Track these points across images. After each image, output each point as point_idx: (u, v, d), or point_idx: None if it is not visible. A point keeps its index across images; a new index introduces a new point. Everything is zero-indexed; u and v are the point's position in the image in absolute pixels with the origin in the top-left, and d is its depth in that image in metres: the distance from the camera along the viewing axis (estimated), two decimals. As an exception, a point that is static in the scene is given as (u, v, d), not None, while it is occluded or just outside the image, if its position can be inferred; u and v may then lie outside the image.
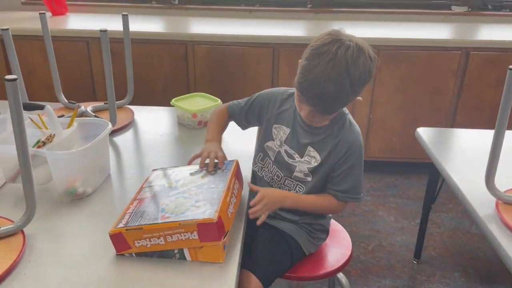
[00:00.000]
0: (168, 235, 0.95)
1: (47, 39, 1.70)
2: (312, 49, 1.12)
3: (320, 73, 1.07)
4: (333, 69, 1.06)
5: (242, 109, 1.39)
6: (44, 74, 2.62)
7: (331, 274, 1.36)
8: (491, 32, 2.74)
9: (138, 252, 0.98)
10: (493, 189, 1.26)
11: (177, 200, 1.03)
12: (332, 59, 1.07)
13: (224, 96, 1.83)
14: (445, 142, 1.76)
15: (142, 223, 0.97)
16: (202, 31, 2.63)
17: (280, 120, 1.31)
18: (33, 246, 1.02)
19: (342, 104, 1.17)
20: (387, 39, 2.51)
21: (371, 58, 1.12)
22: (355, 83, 1.09)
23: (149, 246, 0.97)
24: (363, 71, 1.09)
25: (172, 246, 0.96)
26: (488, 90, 2.58)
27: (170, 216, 0.96)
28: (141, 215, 1.00)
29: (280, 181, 1.33)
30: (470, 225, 2.36)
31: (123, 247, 0.98)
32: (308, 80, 1.09)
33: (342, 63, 1.06)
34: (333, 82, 1.07)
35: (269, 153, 1.34)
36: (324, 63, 1.07)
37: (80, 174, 1.17)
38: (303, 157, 1.28)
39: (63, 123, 1.28)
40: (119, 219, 1.00)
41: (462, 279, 2.00)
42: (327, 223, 1.42)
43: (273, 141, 1.33)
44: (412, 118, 2.66)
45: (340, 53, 1.07)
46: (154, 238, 0.95)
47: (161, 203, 1.03)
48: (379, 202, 2.56)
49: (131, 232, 0.96)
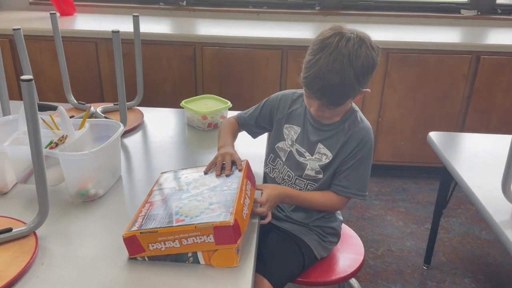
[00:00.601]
0: (183, 238, 0.93)
1: (57, 39, 1.70)
2: (314, 44, 1.15)
3: (324, 65, 1.09)
4: (336, 60, 1.09)
5: (252, 116, 1.40)
6: (51, 75, 2.61)
7: (344, 279, 1.34)
8: (501, 36, 2.72)
9: (151, 256, 0.97)
10: (510, 195, 1.24)
11: (191, 203, 1.02)
12: (334, 51, 1.09)
13: (232, 98, 1.82)
14: (458, 146, 1.75)
15: (156, 226, 0.95)
16: (210, 33, 2.62)
17: (290, 120, 1.32)
18: (46, 248, 1.01)
19: (348, 95, 1.15)
20: (397, 42, 2.50)
21: (373, 48, 1.14)
22: (359, 73, 1.11)
23: (164, 249, 0.95)
24: (365, 60, 1.11)
25: (187, 250, 0.95)
26: (498, 94, 2.56)
27: (185, 219, 0.95)
28: (154, 218, 0.98)
29: (291, 180, 1.32)
30: (480, 231, 2.34)
31: (137, 250, 0.96)
32: (312, 73, 1.11)
33: (344, 54, 1.09)
34: (337, 73, 1.09)
35: (280, 154, 1.34)
36: (327, 56, 1.10)
37: (92, 176, 1.15)
38: (313, 155, 1.28)
39: (75, 124, 1.27)
40: (132, 222, 0.99)
41: (472, 285, 1.98)
42: (338, 226, 1.41)
43: (285, 141, 1.33)
44: (421, 122, 2.64)
45: (341, 45, 1.10)
46: (169, 241, 0.94)
47: (174, 206, 1.02)
48: (388, 206, 2.54)
49: (145, 235, 0.94)
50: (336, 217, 1.40)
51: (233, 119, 1.46)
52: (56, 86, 2.56)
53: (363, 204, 2.54)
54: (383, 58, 2.47)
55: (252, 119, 1.41)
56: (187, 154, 1.54)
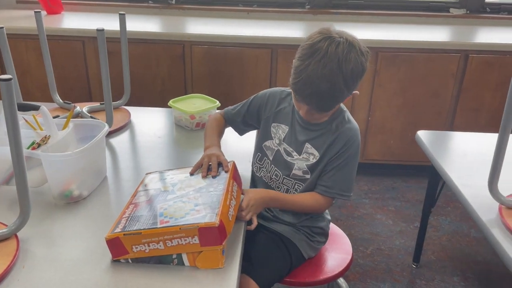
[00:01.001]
0: (168, 240, 0.92)
1: (42, 38, 1.67)
2: (303, 48, 1.13)
3: (313, 71, 1.08)
4: (325, 67, 1.08)
5: (239, 113, 1.38)
6: (38, 74, 2.58)
7: (332, 279, 1.34)
8: (490, 35, 2.73)
9: (134, 258, 0.95)
10: (496, 194, 1.24)
11: (176, 204, 1.00)
12: (324, 57, 1.08)
13: (222, 97, 1.80)
14: (446, 145, 1.75)
15: (140, 228, 0.94)
16: (200, 31, 2.61)
17: (278, 119, 1.31)
18: (27, 250, 0.99)
19: (337, 101, 1.16)
20: (386, 41, 2.50)
21: (363, 52, 1.13)
22: (348, 78, 1.10)
23: (148, 251, 0.94)
24: (355, 66, 1.10)
25: (171, 251, 0.93)
26: (487, 93, 2.57)
27: (170, 221, 0.94)
28: (138, 220, 0.97)
29: (279, 180, 1.32)
30: (468, 229, 2.35)
31: (120, 252, 0.95)
32: (301, 79, 1.10)
33: (333, 60, 1.08)
34: (326, 80, 1.08)
35: (267, 152, 1.34)
36: (316, 62, 1.08)
37: (75, 177, 1.14)
38: (301, 155, 1.27)
39: (58, 124, 1.25)
40: (115, 224, 0.98)
41: (461, 283, 1.98)
42: (326, 226, 1.40)
43: (272, 140, 1.32)
44: (411, 121, 2.65)
45: (330, 50, 1.08)
46: (153, 243, 0.92)
47: (159, 207, 1.00)
48: (378, 205, 2.54)
49: (129, 237, 0.93)
50: (324, 217, 1.40)
51: (220, 115, 1.43)
52: (43, 85, 2.52)
53: (353, 203, 2.54)
54: (372, 57, 2.47)
55: (239, 116, 1.39)
56: (175, 154, 1.52)
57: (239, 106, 1.40)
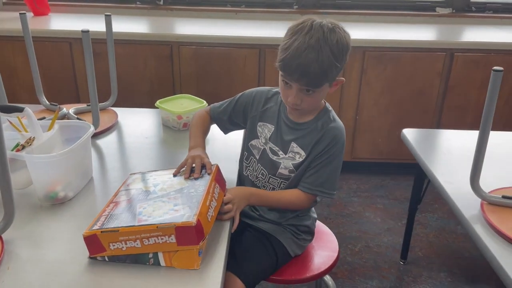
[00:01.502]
0: (145, 238, 0.92)
1: (28, 39, 1.67)
2: (289, 30, 1.18)
3: (300, 44, 1.11)
4: (311, 38, 1.11)
5: (225, 111, 1.38)
6: (26, 76, 2.56)
7: (318, 276, 1.35)
8: (475, 34, 2.77)
9: (111, 256, 0.95)
10: (478, 190, 1.26)
11: (155, 203, 1.00)
12: (309, 31, 1.12)
13: (210, 98, 1.81)
14: (431, 143, 1.77)
15: (118, 226, 0.94)
16: (188, 32, 2.61)
17: (264, 118, 1.32)
18: (12, 252, 0.99)
19: (326, 73, 1.14)
20: (373, 40, 2.52)
21: (345, 32, 1.17)
22: (334, 49, 1.13)
23: (125, 249, 0.94)
24: (340, 38, 1.14)
25: (148, 250, 0.93)
26: (473, 91, 2.60)
27: (148, 219, 0.94)
28: (117, 218, 0.97)
29: (265, 179, 1.32)
30: (455, 225, 2.38)
31: (97, 249, 0.95)
32: (289, 54, 1.12)
33: (319, 32, 1.12)
34: (313, 49, 1.11)
35: (254, 151, 1.34)
36: (302, 35, 1.12)
37: (61, 178, 1.14)
38: (287, 154, 1.28)
39: (44, 125, 1.25)
40: (94, 221, 0.98)
41: (448, 279, 2.01)
42: (312, 224, 1.42)
43: (258, 139, 1.33)
44: (398, 119, 2.67)
45: (315, 25, 1.13)
46: (130, 241, 0.93)
47: (138, 206, 1.01)
48: (366, 203, 2.56)
49: (106, 234, 0.93)
50: (309, 215, 1.41)
51: (205, 113, 1.41)
52: (30, 87, 2.49)
53: (341, 201, 2.56)
54: (359, 56, 2.51)
55: (225, 114, 1.38)
56: (163, 154, 1.53)
57: (225, 104, 1.39)
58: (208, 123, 1.41)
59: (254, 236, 1.32)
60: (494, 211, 1.24)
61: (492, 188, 1.32)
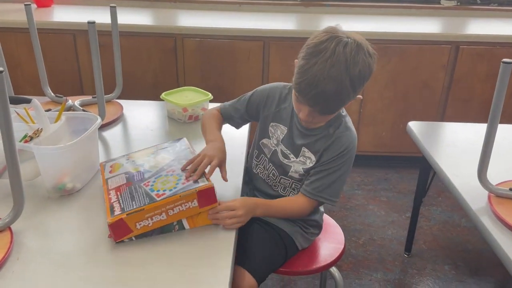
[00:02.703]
0: (169, 209, 1.00)
1: (33, 31, 1.66)
2: (309, 47, 1.08)
3: (319, 71, 1.04)
4: (332, 67, 1.03)
5: (237, 110, 1.35)
6: (29, 68, 2.56)
7: (324, 268, 1.35)
8: (480, 26, 2.75)
9: (138, 234, 1.00)
10: (486, 183, 1.26)
11: (160, 179, 1.08)
12: (331, 57, 1.03)
13: (214, 90, 1.81)
14: (436, 135, 1.77)
15: (140, 205, 0.99)
16: (191, 24, 2.60)
17: (277, 119, 1.29)
18: (21, 243, 0.99)
19: (342, 103, 1.12)
20: (377, 33, 2.50)
21: (370, 54, 1.09)
22: (355, 80, 1.06)
23: (151, 224, 1.00)
24: (362, 68, 1.06)
25: (173, 219, 1.02)
26: (478, 84, 2.59)
27: (165, 193, 1.01)
28: (132, 200, 1.02)
29: (276, 179, 1.31)
30: (459, 218, 2.38)
31: (124, 233, 0.99)
32: (306, 80, 1.05)
33: (341, 61, 1.03)
34: (333, 81, 1.04)
35: (265, 150, 1.32)
36: (323, 61, 1.03)
37: (69, 170, 1.14)
38: (298, 158, 1.26)
39: (50, 117, 1.24)
40: (109, 210, 1.00)
41: (452, 272, 2.01)
42: (320, 218, 1.41)
43: (269, 139, 1.31)
44: (402, 112, 2.67)
45: (338, 50, 1.03)
46: (156, 215, 0.99)
47: (143, 185, 1.07)
48: (370, 196, 2.56)
49: (132, 216, 0.98)
50: (317, 210, 1.40)
51: (216, 112, 1.38)
52: (34, 80, 2.50)
53: (346, 194, 2.56)
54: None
55: (237, 112, 1.35)
56: (168, 146, 1.53)
57: (237, 102, 1.35)
58: (221, 120, 1.37)
59: (263, 229, 1.31)
60: (502, 204, 1.24)
61: (499, 181, 1.32)
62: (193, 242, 1.02)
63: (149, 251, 0.98)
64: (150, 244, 1.00)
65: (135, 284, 0.90)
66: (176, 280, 0.91)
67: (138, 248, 0.99)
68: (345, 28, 1.12)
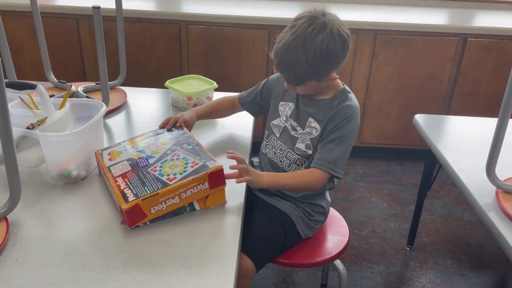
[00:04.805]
0: (182, 192, 1.03)
1: (36, 15, 1.64)
2: (291, 21, 1.21)
3: (282, 44, 1.17)
4: (292, 41, 1.15)
5: (253, 96, 1.45)
6: (31, 52, 2.53)
7: (329, 261, 1.35)
8: (488, 19, 2.71)
9: (152, 219, 1.02)
10: (494, 178, 1.25)
11: (166, 163, 1.10)
12: (294, 32, 1.15)
13: (218, 78, 1.78)
14: (443, 129, 1.75)
15: (153, 190, 1.00)
16: (196, 11, 2.56)
17: (286, 97, 1.36)
18: (25, 230, 0.98)
19: (301, 77, 1.19)
20: (384, 23, 2.47)
21: (333, 35, 1.15)
22: (310, 57, 1.14)
23: (165, 208, 1.02)
24: (319, 46, 1.14)
25: (185, 202, 1.04)
26: (484, 77, 2.57)
27: (176, 176, 1.04)
28: (143, 185, 1.03)
29: (282, 154, 1.34)
30: (462, 212, 2.37)
31: (139, 218, 1.00)
32: (274, 50, 1.20)
33: (300, 36, 1.14)
34: (289, 53, 1.15)
35: (274, 130, 1.38)
36: (288, 36, 1.16)
37: (74, 157, 1.12)
38: (304, 129, 1.30)
39: (55, 103, 1.23)
40: (121, 196, 1.01)
41: (454, 265, 2.01)
42: (326, 205, 1.41)
43: (280, 118, 1.36)
44: (407, 105, 2.65)
45: (302, 27, 1.15)
46: (170, 199, 1.02)
47: (151, 171, 1.08)
48: (373, 188, 2.55)
49: (147, 201, 0.99)
50: (325, 196, 1.41)
51: (229, 97, 1.50)
52: (36, 64, 2.48)
53: (348, 186, 2.55)
54: (370, 40, 2.47)
55: (253, 99, 1.45)
56: (172, 135, 1.51)
57: (252, 90, 1.47)
58: (226, 105, 1.49)
59: (265, 214, 1.33)
60: (509, 200, 1.22)
61: (507, 177, 1.31)
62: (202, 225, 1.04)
63: (154, 238, 0.98)
64: (155, 231, 1.00)
65: (140, 271, 0.89)
66: (181, 267, 0.90)
67: (143, 235, 0.99)
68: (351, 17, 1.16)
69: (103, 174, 1.15)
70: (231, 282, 0.87)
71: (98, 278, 0.87)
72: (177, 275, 0.88)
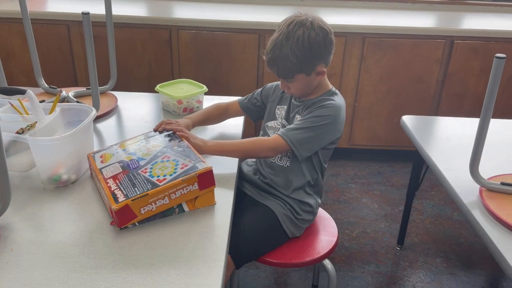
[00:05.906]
0: (172, 193, 1.04)
1: (26, 21, 1.65)
2: None
3: (270, 42, 1.31)
4: (278, 38, 1.28)
5: (254, 100, 1.53)
6: (22, 58, 2.55)
7: (317, 260, 1.37)
8: (475, 21, 2.76)
9: (142, 220, 1.03)
10: (477, 177, 1.28)
11: (156, 165, 1.11)
12: (279, 31, 1.29)
13: (209, 83, 1.80)
14: (430, 130, 1.78)
15: (143, 191, 1.02)
16: (187, 16, 2.59)
17: (282, 101, 1.46)
18: (16, 234, 0.99)
19: (291, 69, 1.29)
20: (372, 27, 2.51)
21: (313, 27, 1.26)
22: (294, 48, 1.25)
23: (155, 209, 1.03)
24: (300, 38, 1.25)
25: (175, 203, 1.06)
26: (472, 78, 2.61)
27: (166, 177, 1.05)
28: (133, 186, 1.04)
29: None
30: (452, 212, 2.40)
31: (128, 218, 1.01)
32: (266, 49, 1.32)
33: (284, 32, 1.27)
34: (277, 48, 1.28)
35: (269, 132, 1.44)
36: (275, 35, 1.30)
37: (64, 161, 1.14)
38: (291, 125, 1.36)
39: (45, 108, 1.24)
40: (111, 198, 1.02)
41: (444, 264, 2.04)
42: (315, 205, 1.42)
43: (276, 121, 1.45)
44: (396, 106, 2.68)
45: (285, 25, 1.28)
46: (159, 200, 1.03)
47: (141, 172, 1.09)
48: (363, 189, 2.58)
49: (137, 201, 1.01)
50: (314, 196, 1.43)
51: (225, 104, 1.56)
52: (27, 70, 2.49)
53: (339, 187, 2.58)
54: (359, 43, 2.50)
55: (255, 102, 1.53)
56: (162, 138, 1.53)
57: (251, 95, 1.54)
58: (221, 111, 1.54)
59: (251, 212, 1.37)
60: (493, 198, 1.25)
61: (491, 175, 1.34)
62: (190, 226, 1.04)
63: (143, 239, 0.99)
64: (145, 232, 1.02)
65: (130, 272, 0.90)
66: (169, 267, 0.91)
67: (133, 236, 1.00)
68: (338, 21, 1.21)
69: (94, 176, 1.16)
70: (219, 282, 0.89)
71: (88, 280, 0.88)
72: (166, 275, 0.90)
